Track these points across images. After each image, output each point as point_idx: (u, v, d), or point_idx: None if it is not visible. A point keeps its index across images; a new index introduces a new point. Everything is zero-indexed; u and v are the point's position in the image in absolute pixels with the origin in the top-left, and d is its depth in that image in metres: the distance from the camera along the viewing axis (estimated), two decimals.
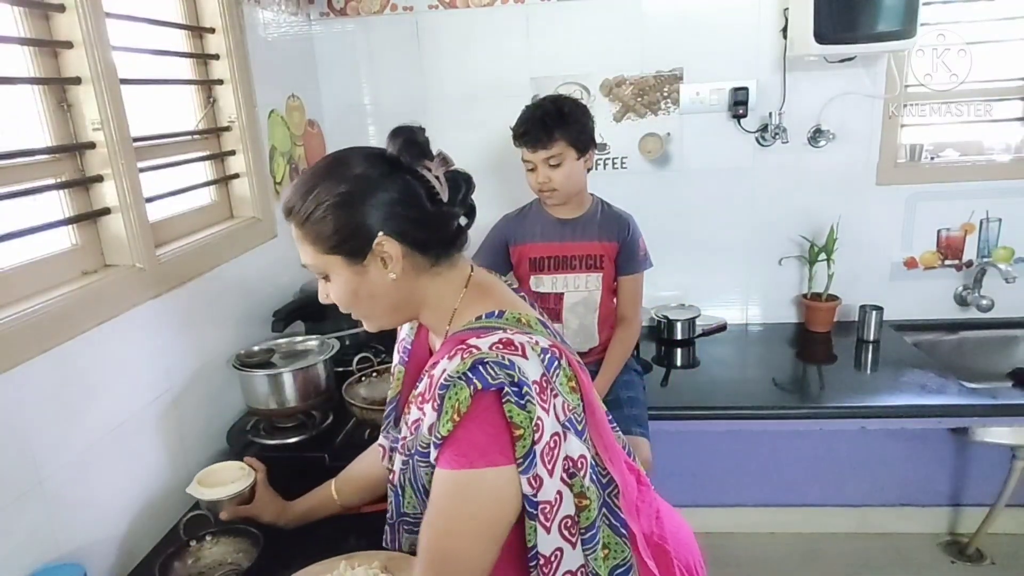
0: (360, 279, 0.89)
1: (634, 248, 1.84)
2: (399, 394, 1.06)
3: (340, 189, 0.86)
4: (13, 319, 1.02)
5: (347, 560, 1.07)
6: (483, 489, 0.79)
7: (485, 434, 0.79)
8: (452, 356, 0.81)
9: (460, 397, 0.78)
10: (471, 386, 0.77)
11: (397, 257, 0.87)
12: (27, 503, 1.04)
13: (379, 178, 0.87)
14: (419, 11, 2.21)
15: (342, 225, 0.86)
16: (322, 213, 0.86)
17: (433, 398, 0.80)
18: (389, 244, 0.87)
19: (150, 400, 1.34)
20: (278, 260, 1.91)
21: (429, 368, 0.87)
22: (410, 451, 0.87)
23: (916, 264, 2.33)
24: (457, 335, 0.87)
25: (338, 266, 0.89)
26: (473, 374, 0.77)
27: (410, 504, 0.89)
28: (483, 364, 0.78)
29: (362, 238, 0.87)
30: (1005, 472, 2.19)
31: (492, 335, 0.82)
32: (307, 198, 0.88)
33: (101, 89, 1.22)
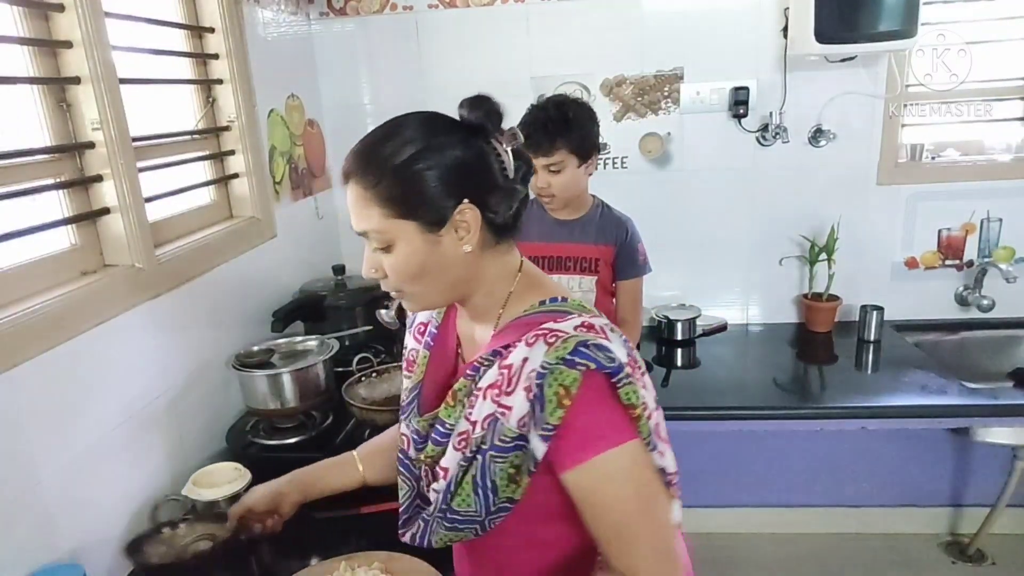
0: (431, 249, 0.81)
1: (632, 252, 1.82)
2: (423, 379, 0.97)
3: (424, 150, 0.80)
4: (13, 319, 1.02)
5: (347, 561, 1.08)
6: (635, 460, 0.78)
7: (606, 412, 0.77)
8: (532, 342, 0.77)
9: (566, 381, 0.74)
10: (578, 368, 0.74)
11: (476, 227, 0.82)
12: (27, 503, 1.04)
13: (460, 143, 0.82)
14: (419, 11, 2.21)
15: (424, 188, 0.79)
16: (408, 173, 0.79)
17: (527, 388, 0.76)
18: (471, 212, 0.81)
19: (149, 400, 1.34)
20: (278, 260, 1.91)
21: (495, 358, 0.81)
22: (479, 446, 0.81)
23: (917, 264, 2.33)
24: (522, 320, 0.84)
25: (410, 233, 0.81)
26: (578, 356, 0.75)
27: (464, 502, 0.83)
28: (585, 346, 0.75)
29: (444, 204, 0.80)
30: (1006, 472, 2.19)
31: (569, 319, 0.80)
32: (383, 157, 0.80)
33: (100, 89, 1.22)
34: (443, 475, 0.86)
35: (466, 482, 0.83)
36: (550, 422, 0.75)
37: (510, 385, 0.78)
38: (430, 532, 0.89)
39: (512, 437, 0.78)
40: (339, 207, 2.42)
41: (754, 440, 2.40)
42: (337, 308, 1.86)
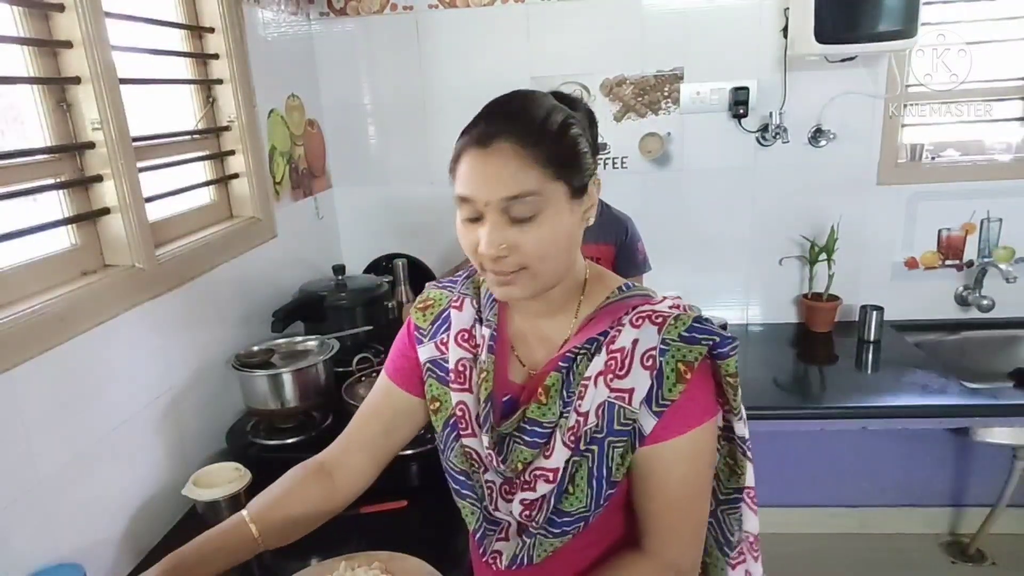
0: (569, 220, 0.79)
1: (632, 251, 1.82)
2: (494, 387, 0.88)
3: (570, 116, 0.80)
4: (13, 319, 1.02)
5: (347, 561, 1.05)
6: (710, 440, 0.83)
7: (707, 388, 0.81)
8: (638, 323, 0.80)
9: (689, 356, 0.77)
10: (702, 343, 0.78)
11: (595, 202, 0.83)
12: (27, 503, 1.04)
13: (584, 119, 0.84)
14: (419, 11, 2.21)
15: (579, 150, 0.79)
16: (573, 132, 0.79)
17: (649, 367, 0.77)
18: (598, 184, 0.83)
19: (149, 400, 1.34)
20: (278, 260, 1.91)
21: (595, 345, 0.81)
22: (593, 436, 0.80)
23: (917, 264, 2.33)
24: (610, 307, 0.84)
25: (559, 198, 0.77)
26: (697, 332, 0.78)
27: (576, 501, 0.81)
28: (700, 321, 0.79)
29: (588, 170, 0.81)
30: (1006, 472, 2.19)
31: (658, 301, 0.83)
32: (540, 117, 0.78)
33: (100, 89, 1.22)
34: (549, 477, 0.82)
35: (579, 478, 0.81)
36: (668, 397, 0.77)
37: (623, 368, 0.79)
38: (532, 547, 0.85)
39: (631, 420, 0.79)
40: (339, 207, 2.42)
41: (754, 440, 2.38)
42: (337, 308, 1.86)
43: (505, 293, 0.83)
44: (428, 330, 0.96)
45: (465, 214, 0.80)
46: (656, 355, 0.78)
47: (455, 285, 0.97)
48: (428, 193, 2.37)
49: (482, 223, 0.78)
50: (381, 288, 1.99)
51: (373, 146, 2.36)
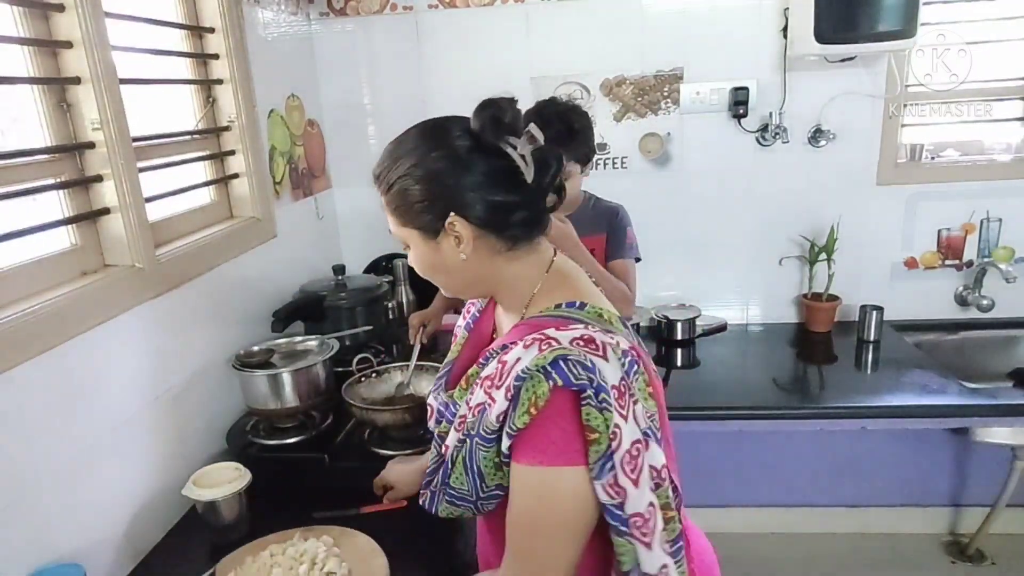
0: (434, 253, 0.89)
1: (620, 233, 1.80)
2: (456, 358, 1.03)
3: (420, 164, 0.85)
4: (13, 319, 1.02)
5: (303, 532, 1.20)
6: (561, 488, 0.77)
7: (562, 432, 0.76)
8: (529, 345, 0.79)
9: (538, 392, 0.76)
10: (550, 381, 0.75)
11: (468, 239, 0.85)
12: (27, 503, 1.04)
13: (463, 155, 0.85)
14: (419, 11, 2.21)
15: (417, 201, 0.86)
16: (401, 186, 0.87)
17: (507, 387, 0.78)
18: (460, 225, 0.85)
19: (150, 400, 1.34)
20: (278, 260, 1.91)
21: (500, 352, 0.84)
22: (469, 431, 0.85)
23: (916, 264, 2.33)
24: (533, 320, 0.86)
25: (414, 239, 0.89)
26: (554, 369, 0.75)
27: (458, 480, 0.88)
28: (565, 360, 0.76)
29: (435, 215, 0.85)
30: (1005, 472, 2.19)
31: (573, 329, 0.80)
32: (391, 169, 0.88)
33: (101, 89, 1.22)
34: (445, 452, 0.91)
35: (459, 462, 0.87)
36: (516, 424, 0.77)
37: (500, 380, 0.80)
38: (437, 502, 0.94)
39: (492, 430, 0.81)
40: (339, 207, 2.42)
41: (754, 440, 2.41)
42: (337, 308, 1.86)
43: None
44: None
45: None
46: (514, 380, 0.78)
47: None
48: None
49: None
50: (381, 288, 1.99)
51: (373, 146, 2.36)
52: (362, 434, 1.51)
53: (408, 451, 1.42)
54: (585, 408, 0.75)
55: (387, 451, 1.43)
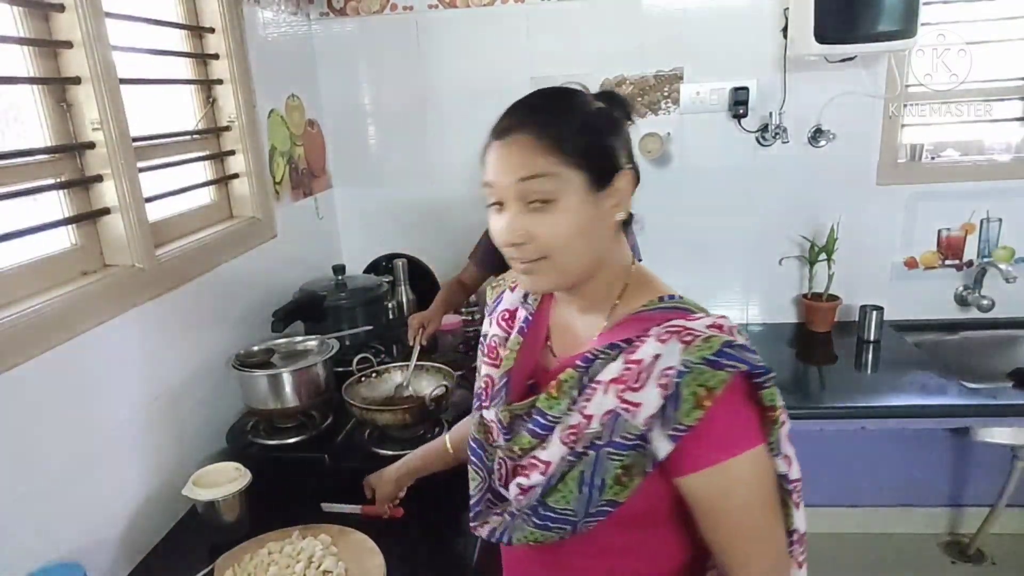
0: (589, 211, 0.79)
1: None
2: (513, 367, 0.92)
3: (594, 108, 0.82)
4: (13, 319, 1.02)
5: (301, 531, 1.20)
6: (759, 470, 0.77)
7: (747, 415, 0.76)
8: (665, 339, 0.75)
9: (710, 382, 0.72)
10: (726, 370, 0.72)
11: (627, 197, 0.82)
12: (27, 503, 1.04)
13: (621, 116, 0.85)
14: (419, 11, 2.21)
15: (597, 141, 0.80)
16: (579, 123, 0.80)
17: (662, 386, 0.73)
18: (628, 179, 0.82)
19: (149, 400, 1.34)
20: (278, 260, 1.91)
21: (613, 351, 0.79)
22: (593, 442, 0.78)
23: (916, 264, 2.33)
24: (643, 315, 0.81)
25: (574, 187, 0.78)
26: (725, 358, 0.73)
27: (563, 500, 0.79)
28: (731, 346, 0.74)
29: (610, 163, 0.81)
30: (1006, 472, 2.19)
31: (697, 318, 0.78)
32: (565, 106, 0.82)
33: (101, 89, 1.22)
34: (542, 469, 0.81)
35: (570, 478, 0.79)
36: (684, 422, 0.73)
37: (638, 381, 0.75)
38: (512, 528, 0.85)
39: (634, 435, 0.75)
40: (339, 207, 2.42)
41: None
42: (337, 308, 1.87)
43: (529, 283, 0.85)
44: (491, 307, 1.03)
45: (489, 199, 0.83)
46: (673, 376, 0.73)
47: None
48: (428, 193, 2.37)
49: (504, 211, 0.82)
50: (381, 288, 1.99)
51: (373, 146, 2.36)
52: (362, 434, 1.51)
53: (409, 451, 1.42)
54: (769, 389, 0.76)
55: (387, 451, 1.43)
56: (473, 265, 2.01)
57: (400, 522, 1.29)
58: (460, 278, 2.01)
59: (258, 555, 1.16)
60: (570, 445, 0.79)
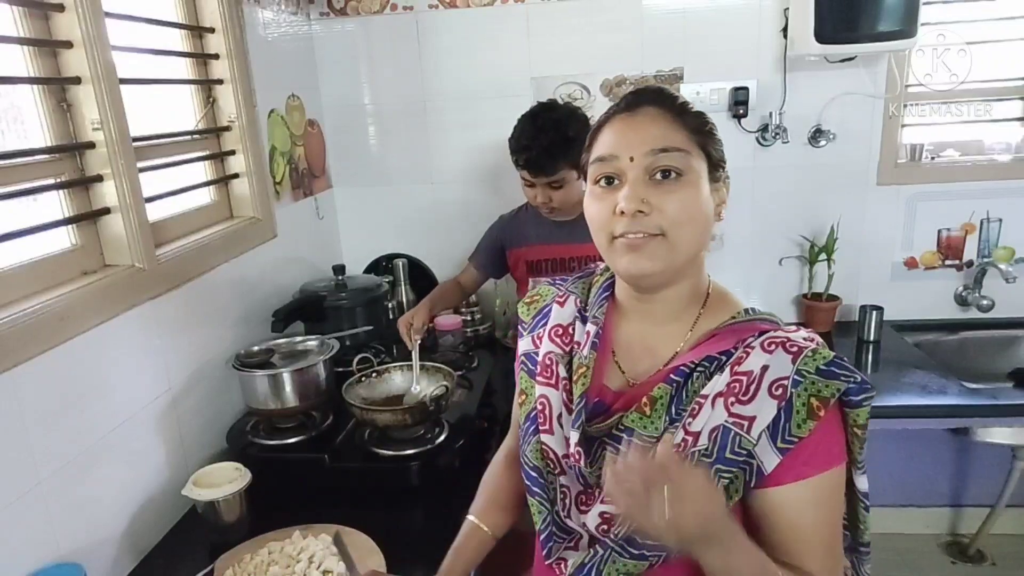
0: (707, 197, 0.80)
1: None
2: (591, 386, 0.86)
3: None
4: (13, 319, 1.02)
5: (301, 530, 1.21)
6: (839, 485, 0.77)
7: (838, 431, 0.76)
8: (770, 349, 0.75)
9: (825, 393, 0.72)
10: (841, 380, 0.72)
11: (725, 200, 0.84)
12: (27, 503, 1.04)
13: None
14: (419, 11, 2.21)
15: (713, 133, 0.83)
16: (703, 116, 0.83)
17: (777, 397, 0.72)
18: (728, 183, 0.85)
19: (150, 400, 1.34)
20: (278, 260, 1.91)
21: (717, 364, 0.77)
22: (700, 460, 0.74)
23: (916, 264, 2.32)
24: (736, 327, 0.80)
25: (701, 168, 0.79)
26: (838, 369, 0.73)
27: None
28: (841, 359, 0.74)
29: (722, 158, 0.83)
30: (1006, 472, 2.19)
31: (793, 330, 0.78)
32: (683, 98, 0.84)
33: (101, 89, 1.22)
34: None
35: None
36: (795, 433, 0.72)
37: (747, 393, 0.73)
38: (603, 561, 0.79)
39: (746, 451, 0.73)
40: (339, 207, 2.42)
41: None
42: (337, 308, 1.86)
43: (632, 261, 0.79)
44: (529, 324, 0.97)
45: (602, 172, 0.80)
46: (788, 385, 0.72)
47: (565, 283, 0.99)
48: (428, 193, 2.37)
49: (618, 187, 0.79)
50: (381, 288, 1.99)
51: (373, 146, 2.36)
52: (362, 434, 1.51)
53: (409, 451, 1.42)
54: (865, 409, 0.74)
55: (387, 451, 1.43)
56: (473, 267, 2.00)
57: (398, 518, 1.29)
58: (459, 279, 2.01)
59: (258, 555, 1.16)
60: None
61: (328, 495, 1.38)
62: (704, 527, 0.66)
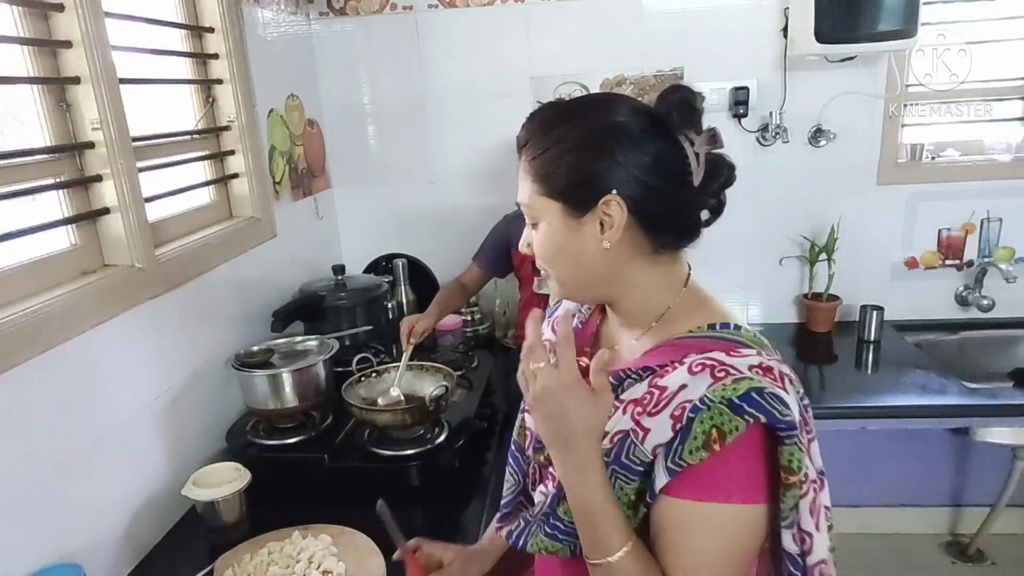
0: (571, 236, 0.78)
1: None
2: None
3: (589, 131, 0.76)
4: (13, 319, 1.02)
5: (301, 531, 1.20)
6: (739, 526, 0.70)
7: (746, 467, 0.69)
8: (696, 371, 0.71)
9: (725, 426, 0.67)
10: (746, 417, 0.66)
11: (619, 225, 0.75)
12: (27, 503, 1.04)
13: (637, 133, 0.76)
14: (419, 11, 2.21)
15: (575, 170, 0.76)
16: (559, 151, 0.76)
17: (675, 417, 0.69)
18: (616, 208, 0.75)
19: (149, 400, 1.34)
20: (278, 260, 1.91)
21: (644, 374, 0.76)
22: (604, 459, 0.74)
23: (917, 264, 2.33)
24: (685, 341, 0.77)
25: (553, 214, 0.78)
26: (748, 403, 0.67)
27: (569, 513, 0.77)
28: (760, 393, 0.67)
29: (591, 190, 0.75)
30: (1006, 472, 2.19)
31: (745, 355, 0.72)
32: (549, 133, 0.78)
33: (100, 89, 1.22)
34: (553, 480, 0.81)
35: None
36: (686, 460, 0.68)
37: (656, 407, 0.71)
38: (528, 534, 0.83)
39: (642, 462, 0.72)
40: (339, 207, 2.42)
41: None
42: (337, 308, 1.87)
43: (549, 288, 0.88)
44: (550, 311, 1.02)
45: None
46: (687, 410, 0.69)
47: None
48: (428, 193, 2.37)
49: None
50: (381, 288, 1.99)
51: (373, 146, 2.36)
52: (362, 434, 1.51)
53: (409, 451, 1.42)
54: (789, 448, 0.68)
55: (387, 451, 1.43)
56: (476, 267, 2.01)
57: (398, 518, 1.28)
58: (461, 279, 2.01)
59: (258, 555, 1.16)
60: None
61: (328, 495, 1.38)
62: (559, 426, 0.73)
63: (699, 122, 0.80)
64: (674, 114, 0.79)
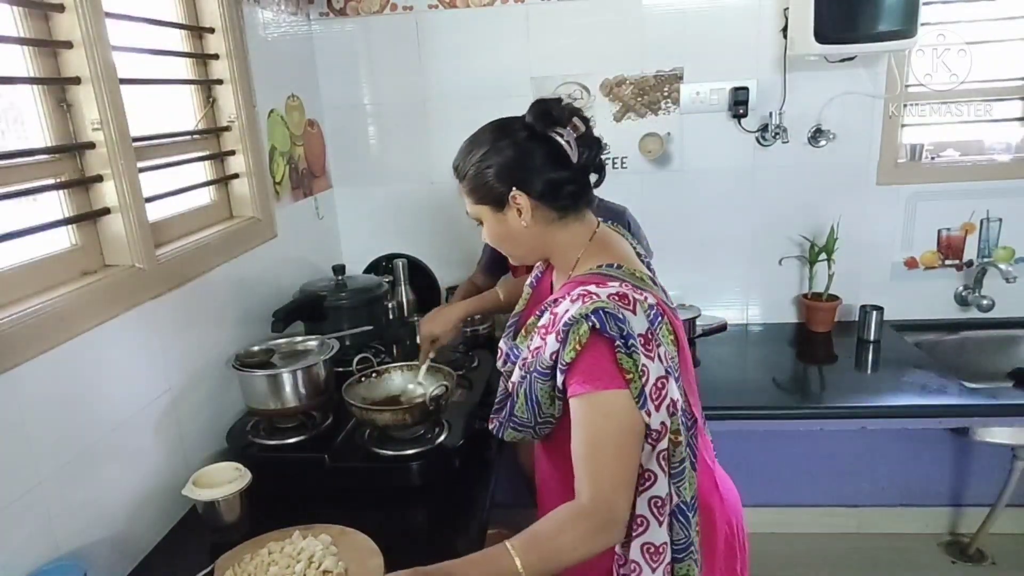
0: (502, 225, 1.10)
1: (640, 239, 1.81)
2: (523, 311, 1.23)
3: (491, 152, 1.06)
4: (13, 319, 1.02)
5: (301, 530, 1.20)
6: (615, 407, 0.94)
7: (605, 363, 0.94)
8: (575, 299, 0.98)
9: (580, 332, 0.95)
10: (589, 323, 0.94)
11: (527, 208, 1.06)
12: (27, 503, 1.04)
13: (523, 143, 1.06)
14: (419, 11, 2.21)
15: (488, 181, 1.06)
16: (476, 170, 1.07)
17: (558, 332, 0.98)
18: (521, 198, 1.05)
19: (150, 400, 1.34)
20: (278, 260, 1.91)
21: (551, 304, 1.05)
22: (530, 370, 1.04)
23: (916, 264, 2.33)
24: (579, 278, 1.05)
25: (486, 213, 1.10)
26: (594, 316, 0.94)
27: (520, 410, 1.07)
28: (602, 312, 0.94)
29: (501, 192, 1.06)
30: (1006, 472, 2.19)
31: (610, 286, 0.99)
32: (466, 160, 1.09)
33: (101, 89, 1.22)
34: (512, 387, 1.11)
35: (521, 395, 1.07)
36: (565, 360, 0.96)
37: (552, 327, 1.00)
38: (504, 429, 1.14)
39: (547, 367, 1.00)
40: (339, 207, 2.42)
41: (754, 440, 2.40)
42: (337, 308, 1.86)
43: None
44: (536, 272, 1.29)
45: None
46: (561, 326, 0.97)
47: None
48: (428, 193, 2.37)
49: None
50: (381, 288, 1.99)
51: (373, 146, 2.36)
52: (362, 434, 1.51)
53: (409, 451, 1.42)
54: (618, 354, 0.94)
55: (387, 451, 1.43)
56: (480, 272, 2.03)
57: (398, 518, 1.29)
58: (473, 280, 2.02)
59: (258, 555, 1.16)
60: (522, 371, 1.07)
61: (328, 495, 1.38)
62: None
63: (563, 119, 1.06)
64: (538, 122, 1.06)
